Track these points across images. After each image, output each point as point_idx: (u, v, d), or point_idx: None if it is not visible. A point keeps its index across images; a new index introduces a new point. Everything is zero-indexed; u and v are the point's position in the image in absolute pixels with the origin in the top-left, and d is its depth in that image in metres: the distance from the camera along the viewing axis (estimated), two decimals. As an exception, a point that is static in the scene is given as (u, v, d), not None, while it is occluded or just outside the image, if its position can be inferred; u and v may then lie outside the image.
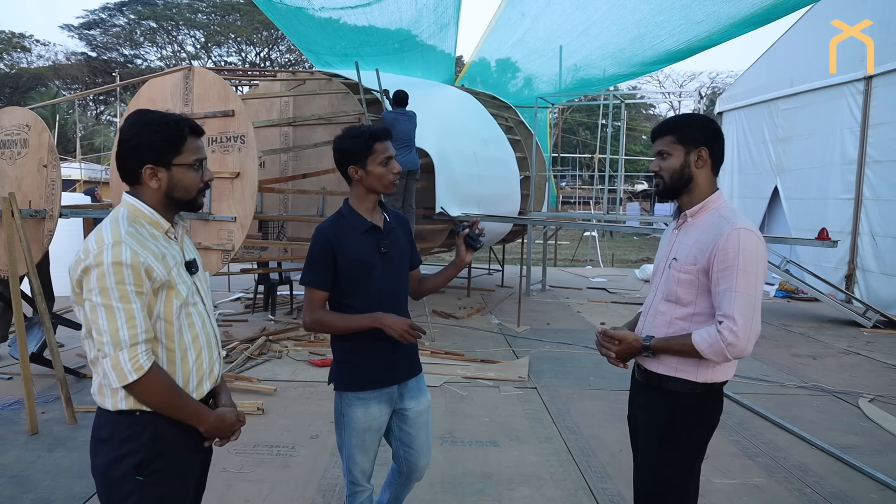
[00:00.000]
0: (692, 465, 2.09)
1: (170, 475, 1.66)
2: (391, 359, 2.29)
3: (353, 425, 2.27)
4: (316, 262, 2.22)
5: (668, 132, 2.05)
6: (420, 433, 2.40)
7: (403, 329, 2.16)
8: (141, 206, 1.69)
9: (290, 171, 7.77)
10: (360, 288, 2.23)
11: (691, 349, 1.94)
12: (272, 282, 8.12)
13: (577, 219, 13.90)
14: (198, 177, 1.74)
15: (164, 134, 1.66)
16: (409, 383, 2.37)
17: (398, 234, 2.34)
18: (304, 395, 4.86)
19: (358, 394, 2.27)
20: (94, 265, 1.54)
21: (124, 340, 1.54)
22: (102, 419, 1.65)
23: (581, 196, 33.06)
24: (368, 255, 2.23)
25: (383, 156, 2.21)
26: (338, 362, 2.32)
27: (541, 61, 11.70)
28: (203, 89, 5.77)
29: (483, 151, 9.24)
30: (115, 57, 45.80)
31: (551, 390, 5.14)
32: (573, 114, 35.93)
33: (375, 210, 2.31)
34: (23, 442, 3.88)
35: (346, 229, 2.24)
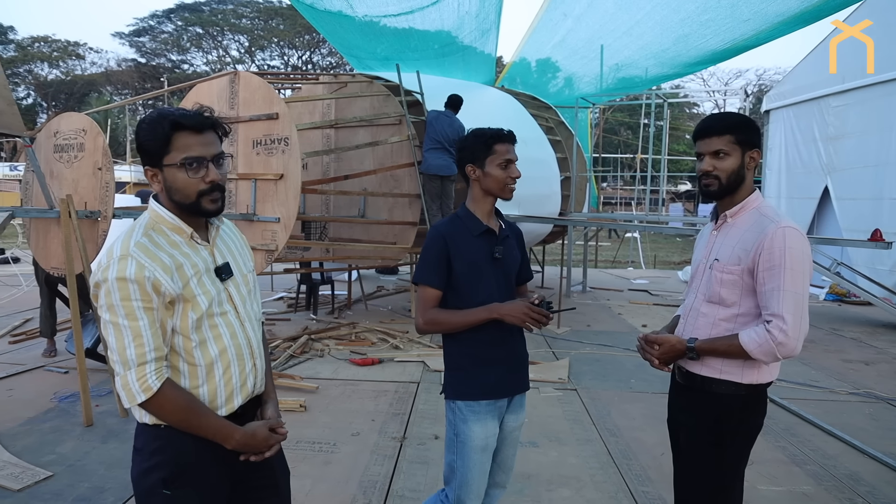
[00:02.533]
0: (737, 468, 2.06)
1: (194, 493, 1.60)
2: (507, 367, 2.21)
3: (472, 444, 2.15)
4: (430, 259, 2.18)
5: (727, 131, 1.98)
6: (509, 448, 2.30)
7: (523, 313, 2.06)
8: (162, 211, 1.60)
9: (331, 173, 7.90)
10: (471, 292, 2.17)
11: (739, 350, 1.91)
12: (314, 281, 8.25)
13: (619, 220, 13.74)
14: (193, 178, 1.56)
15: (150, 133, 1.55)
16: (515, 397, 2.27)
17: (512, 244, 2.29)
18: (346, 394, 4.93)
19: (472, 406, 2.16)
20: (102, 280, 1.49)
21: (131, 360, 1.48)
22: (138, 428, 1.63)
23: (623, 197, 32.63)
24: (481, 258, 2.19)
25: (503, 158, 2.17)
26: (450, 370, 2.24)
27: (582, 62, 11.61)
28: (248, 93, 5.92)
29: (523, 152, 9.07)
30: (163, 62, 47.20)
31: (591, 392, 5.10)
32: (615, 114, 35.47)
33: (491, 215, 2.26)
34: (79, 433, 4.04)
35: (462, 230, 2.20)
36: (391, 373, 5.50)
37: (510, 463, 2.34)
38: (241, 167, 6.10)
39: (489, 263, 2.20)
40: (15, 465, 3.54)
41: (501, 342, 2.18)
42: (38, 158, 4.87)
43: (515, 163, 2.22)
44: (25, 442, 3.88)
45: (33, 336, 6.39)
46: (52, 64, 47.24)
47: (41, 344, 5.98)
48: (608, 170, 25.85)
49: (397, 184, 7.63)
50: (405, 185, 7.55)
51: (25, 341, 6.38)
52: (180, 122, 1.55)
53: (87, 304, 4.78)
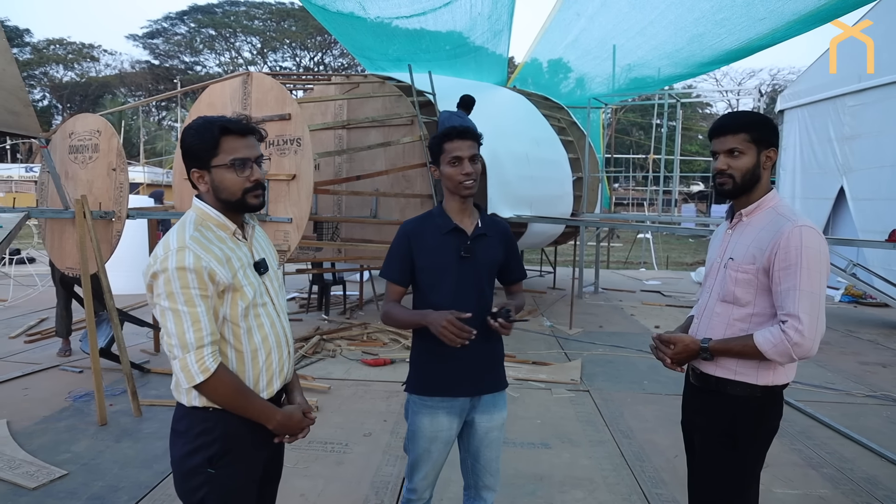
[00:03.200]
0: (752, 471, 2.03)
1: (237, 470, 1.72)
2: (464, 367, 2.19)
3: (420, 434, 2.22)
4: (393, 256, 2.24)
5: (742, 130, 1.95)
6: (487, 450, 2.28)
7: (441, 326, 2.01)
8: (207, 210, 1.74)
9: (344, 173, 7.91)
10: (430, 290, 2.20)
11: (753, 350, 1.89)
12: (326, 282, 8.27)
13: (631, 220, 13.67)
14: (240, 177, 1.71)
15: (198, 137, 1.69)
16: (483, 397, 2.25)
17: (491, 243, 2.25)
18: (358, 394, 4.94)
19: (425, 400, 2.21)
20: (161, 270, 1.60)
21: (191, 343, 1.60)
22: (180, 412, 1.72)
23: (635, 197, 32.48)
24: (444, 256, 2.18)
25: (450, 155, 2.17)
26: (410, 363, 2.31)
27: (594, 62, 11.56)
28: (261, 94, 5.93)
29: (535, 153, 9.19)
30: (176, 64, 47.53)
31: (604, 393, 5.07)
32: (627, 114, 35.31)
33: (466, 213, 2.25)
34: (93, 432, 4.07)
35: (431, 228, 2.22)
36: (403, 373, 5.46)
37: (495, 465, 2.30)
38: (253, 168, 6.12)
39: (454, 263, 2.18)
40: (30, 463, 3.57)
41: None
42: (54, 159, 4.91)
43: (471, 159, 2.18)
44: (41, 441, 3.91)
45: (49, 336, 6.45)
46: (66, 66, 47.73)
47: (56, 343, 6.03)
48: (620, 170, 25.73)
49: (409, 184, 7.63)
50: (417, 185, 7.55)
51: (41, 341, 6.44)
52: (228, 127, 1.71)
53: (101, 304, 4.81)
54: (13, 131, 4.29)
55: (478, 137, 2.22)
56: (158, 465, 3.59)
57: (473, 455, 2.29)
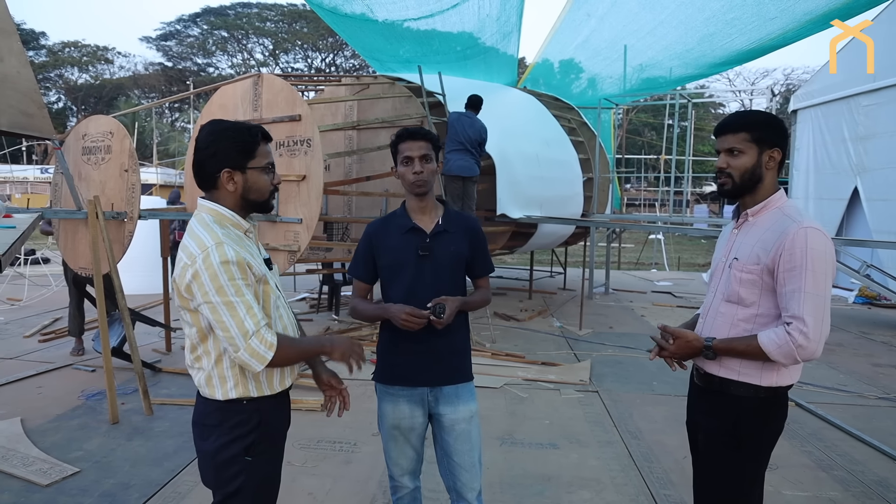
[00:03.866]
0: (756, 472, 2.02)
1: (272, 455, 1.87)
2: (422, 359, 2.28)
3: (383, 420, 2.35)
4: (358, 255, 2.38)
5: (742, 129, 1.95)
6: (458, 443, 2.29)
7: (401, 318, 2.15)
8: (222, 210, 1.81)
9: (354, 174, 7.94)
10: (396, 285, 2.30)
11: (757, 350, 1.88)
12: (336, 282, 8.30)
13: (642, 221, 13.61)
14: (269, 179, 1.86)
15: (240, 140, 1.79)
16: (444, 389, 2.30)
17: (453, 239, 2.30)
18: (367, 394, 4.95)
19: (388, 388, 2.33)
20: (204, 268, 1.67)
21: (251, 329, 1.68)
22: (210, 407, 1.80)
23: (647, 198, 32.32)
24: (403, 255, 2.27)
25: (402, 155, 2.26)
26: (376, 355, 2.41)
27: (605, 62, 11.51)
28: (271, 95, 5.97)
29: (545, 153, 9.17)
30: (189, 66, 47.89)
31: (613, 394, 5.06)
32: (639, 114, 35.15)
33: (426, 211, 2.31)
34: (105, 430, 4.12)
35: (392, 228, 2.32)
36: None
37: (469, 460, 2.30)
38: (264, 169, 6.16)
39: (412, 261, 2.27)
40: (43, 460, 3.62)
41: (411, 333, 2.20)
42: (67, 161, 4.97)
43: (421, 159, 2.23)
44: (54, 438, 3.96)
45: (62, 335, 6.52)
46: (81, 68, 48.24)
47: (70, 342, 6.10)
48: (632, 171, 25.62)
49: (419, 185, 7.64)
50: (427, 186, 7.55)
51: (55, 340, 6.51)
52: (265, 133, 1.85)
53: (113, 303, 4.86)
54: (27, 133, 4.34)
55: (432, 139, 2.30)
56: (169, 462, 3.62)
57: (447, 452, 2.31)
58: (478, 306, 2.42)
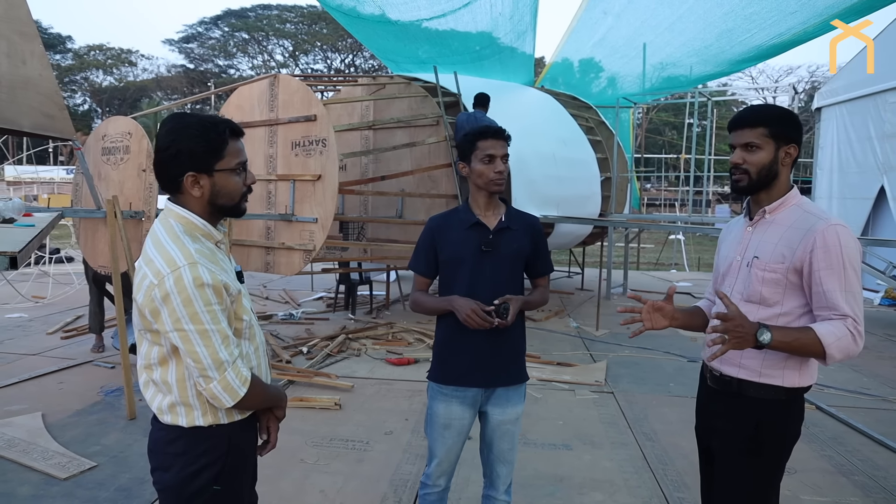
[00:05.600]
0: (774, 477, 1.97)
1: (238, 482, 1.69)
2: (477, 359, 2.27)
3: (436, 420, 2.34)
4: (419, 248, 2.39)
5: (760, 123, 1.90)
6: (501, 441, 2.35)
7: (466, 313, 2.15)
8: (193, 218, 1.61)
9: (370, 174, 7.96)
10: (456, 281, 2.29)
11: (814, 342, 1.75)
12: (352, 282, 8.33)
13: (662, 221, 13.47)
14: (241, 181, 1.65)
15: (204, 139, 1.57)
16: (497, 390, 2.32)
17: (515, 237, 2.32)
18: (381, 393, 4.96)
19: (441, 388, 2.32)
20: (176, 291, 1.48)
21: (227, 360, 1.52)
22: (172, 434, 1.62)
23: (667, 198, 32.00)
24: (466, 250, 2.28)
25: (485, 153, 2.26)
26: (432, 352, 2.42)
27: (623, 60, 11.41)
28: (287, 95, 6.01)
29: (562, 152, 9.12)
30: (210, 68, 48.43)
31: (628, 395, 5.01)
32: (659, 113, 34.86)
33: (491, 208, 2.34)
34: (122, 426, 4.17)
35: (454, 223, 2.34)
36: (426, 373, 5.49)
37: (508, 457, 2.38)
38: (280, 168, 6.21)
39: (475, 256, 2.27)
40: (62, 454, 3.68)
41: (474, 332, 2.21)
42: (88, 161, 5.04)
43: (503, 158, 2.29)
44: (73, 433, 4.03)
45: (83, 332, 6.62)
46: (106, 71, 49.07)
47: (90, 339, 6.19)
48: (652, 170, 25.39)
49: (434, 184, 7.65)
50: (442, 185, 7.57)
51: (76, 337, 6.62)
52: (234, 129, 1.63)
53: (131, 301, 4.93)
54: (49, 134, 4.42)
55: (509, 138, 2.33)
56: (184, 459, 3.66)
57: (488, 445, 2.38)
58: (537, 305, 2.43)
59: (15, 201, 3.38)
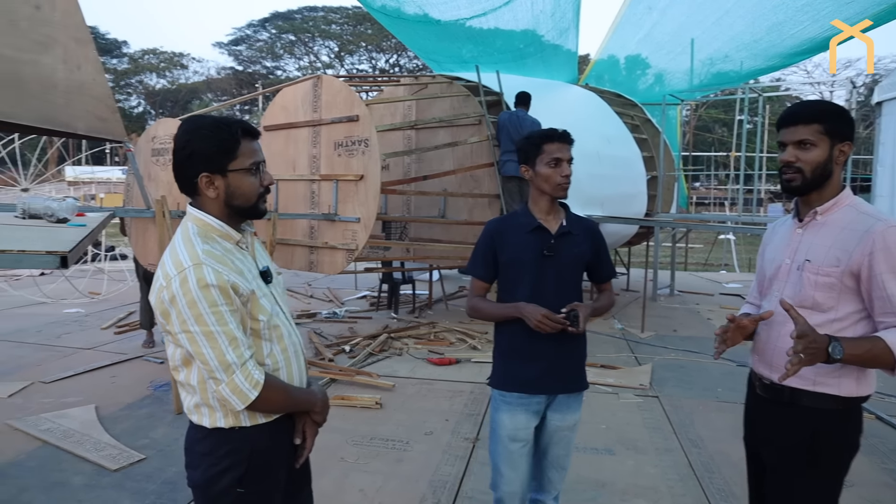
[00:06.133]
0: (833, 491, 1.86)
1: (265, 486, 1.66)
2: (543, 365, 2.23)
3: (500, 431, 2.29)
4: (478, 252, 2.34)
5: (815, 120, 1.80)
6: (556, 447, 2.34)
7: (536, 319, 2.09)
8: (209, 219, 1.60)
9: (412, 174, 7.98)
10: (518, 286, 2.25)
11: (884, 352, 1.66)
12: (395, 281, 8.37)
13: (711, 220, 13.13)
14: (256, 181, 1.63)
15: (216, 139, 1.57)
16: (559, 396, 2.29)
17: (576, 242, 2.28)
18: (421, 393, 4.97)
19: (505, 396, 2.28)
20: (181, 293, 1.48)
21: (234, 363, 1.50)
22: (200, 434, 1.62)
23: (716, 197, 31.20)
24: (527, 254, 2.23)
25: (551, 157, 2.22)
26: (494, 359, 2.37)
27: (670, 56, 11.14)
28: (330, 96, 6.07)
29: (606, 151, 8.97)
30: (258, 69, 49.44)
31: (674, 400, 4.89)
32: (708, 110, 34.01)
33: (552, 212, 2.29)
34: (170, 420, 4.29)
35: (515, 226, 2.30)
36: (468, 373, 5.49)
37: (562, 462, 2.36)
38: (323, 168, 6.28)
39: (536, 260, 2.23)
40: (113, 446, 3.80)
41: (539, 339, 2.17)
42: (138, 162, 5.20)
43: (569, 162, 2.25)
44: (124, 426, 4.16)
45: (135, 327, 6.84)
46: (159, 74, 50.65)
47: (141, 335, 6.39)
48: (700, 168, 24.78)
49: (477, 184, 7.62)
50: (485, 185, 7.53)
51: (128, 332, 6.84)
52: (247, 129, 1.62)
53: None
54: (102, 136, 4.56)
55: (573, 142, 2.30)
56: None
57: (542, 450, 2.35)
58: (604, 311, 2.40)
59: (68, 201, 3.50)
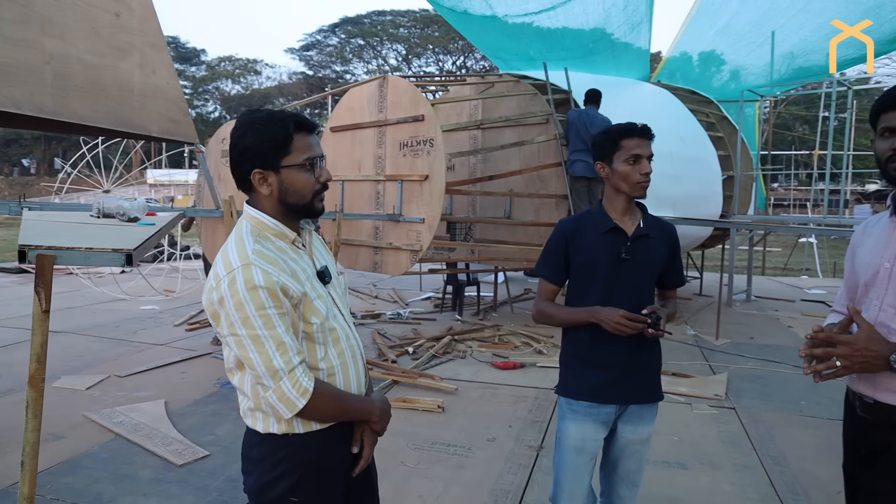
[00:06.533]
0: None
1: (320, 495, 1.59)
2: (615, 372, 2.12)
3: (566, 441, 2.19)
4: (549, 253, 2.23)
5: None
6: (628, 461, 2.20)
7: (614, 321, 1.97)
8: (263, 218, 1.55)
9: (478, 174, 7.89)
10: (590, 290, 2.14)
11: None
12: (460, 282, 8.30)
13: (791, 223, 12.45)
14: (312, 178, 1.55)
15: (269, 133, 1.50)
16: (630, 407, 2.17)
17: (653, 245, 2.16)
18: (485, 397, 4.86)
19: (573, 405, 2.18)
20: (229, 294, 1.43)
21: (282, 369, 1.44)
22: (254, 439, 1.58)
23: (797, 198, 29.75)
24: (602, 256, 2.12)
25: (630, 153, 2.08)
26: (561, 366, 2.27)
27: (749, 49, 10.56)
28: (396, 96, 6.06)
29: (680, 150, 8.61)
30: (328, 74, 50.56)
31: (753, 413, 4.59)
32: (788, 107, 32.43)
33: (628, 212, 2.16)
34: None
35: (589, 227, 2.17)
36: (532, 378, 5.34)
37: (634, 478, 2.22)
38: (388, 168, 6.28)
39: (612, 263, 2.11)
40: (180, 441, 3.87)
41: (610, 346, 2.07)
42: (208, 163, 5.32)
43: (649, 158, 2.09)
44: (191, 421, 4.24)
45: (205, 325, 7.04)
46: (234, 80, 52.64)
47: (211, 332, 6.56)
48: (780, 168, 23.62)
49: (544, 184, 7.45)
50: (552, 185, 7.36)
51: (199, 329, 7.04)
52: (302, 123, 1.54)
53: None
54: (174, 138, 4.69)
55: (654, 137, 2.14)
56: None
57: (612, 464, 2.24)
58: (670, 320, 2.23)
59: (139, 201, 3.59)
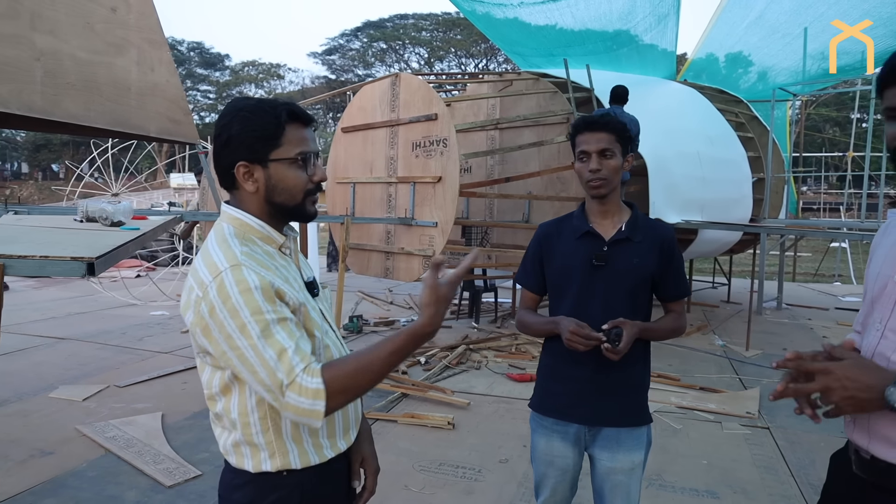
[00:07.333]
0: None
1: None
2: (582, 390, 1.93)
3: (536, 455, 2.06)
4: (526, 260, 2.11)
5: None
6: (611, 495, 1.95)
7: (565, 336, 1.82)
8: (247, 218, 1.35)
9: (495, 175, 7.62)
10: (563, 299, 1.98)
11: None
12: (477, 289, 8.03)
13: (824, 227, 11.96)
14: (304, 175, 1.36)
15: (258, 122, 1.31)
16: (603, 430, 1.94)
17: (637, 251, 1.93)
18: (499, 413, 4.58)
19: (541, 420, 2.03)
20: (221, 301, 1.22)
21: (284, 380, 1.21)
22: (240, 479, 1.36)
23: (827, 202, 28.96)
24: (575, 262, 1.94)
25: (578, 149, 1.93)
26: (537, 378, 2.13)
27: (778, 46, 10.11)
28: (408, 95, 5.82)
29: (708, 152, 8.25)
30: (350, 78, 50.74)
31: (789, 433, 4.24)
32: (817, 108, 31.59)
33: (608, 215, 1.96)
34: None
35: (566, 231, 2.02)
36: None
37: None
38: (400, 170, 6.03)
39: (586, 270, 1.92)
40: (172, 459, 3.65)
41: (579, 360, 1.89)
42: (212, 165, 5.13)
43: (602, 154, 1.88)
44: (186, 437, 4.02)
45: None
46: (257, 85, 53.01)
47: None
48: (811, 170, 22.97)
49: (564, 186, 7.15)
50: (572, 187, 7.05)
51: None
52: (295, 113, 1.34)
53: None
54: (174, 139, 4.50)
55: (616, 129, 1.88)
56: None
57: (598, 495, 2.02)
58: (665, 335, 2.00)
59: (123, 204, 3.38)
